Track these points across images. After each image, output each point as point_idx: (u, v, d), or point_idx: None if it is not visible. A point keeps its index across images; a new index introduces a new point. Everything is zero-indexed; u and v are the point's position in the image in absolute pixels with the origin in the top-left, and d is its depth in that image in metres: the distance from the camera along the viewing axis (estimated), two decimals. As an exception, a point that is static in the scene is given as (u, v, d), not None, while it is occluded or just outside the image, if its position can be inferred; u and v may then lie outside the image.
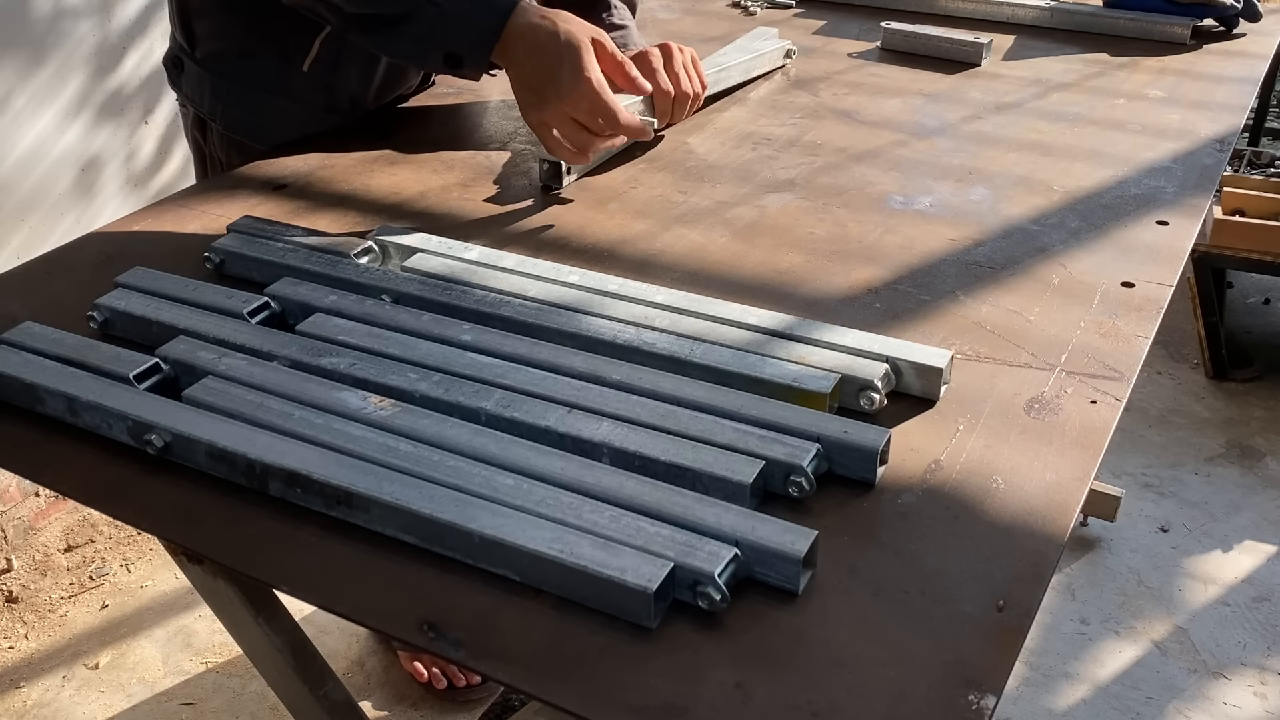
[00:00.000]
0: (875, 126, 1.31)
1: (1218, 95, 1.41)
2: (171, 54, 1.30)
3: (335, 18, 1.09)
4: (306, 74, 1.24)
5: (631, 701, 0.59)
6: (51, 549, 2.01)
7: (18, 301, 0.96)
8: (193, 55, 1.26)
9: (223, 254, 0.98)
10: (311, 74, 1.24)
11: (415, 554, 0.68)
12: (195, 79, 1.26)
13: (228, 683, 1.78)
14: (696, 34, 1.63)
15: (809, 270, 1.00)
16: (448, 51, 1.07)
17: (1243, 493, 2.18)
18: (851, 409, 0.80)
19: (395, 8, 1.05)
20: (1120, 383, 0.83)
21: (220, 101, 1.25)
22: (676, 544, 0.64)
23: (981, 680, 0.59)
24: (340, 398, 0.78)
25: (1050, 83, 1.46)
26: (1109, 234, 1.06)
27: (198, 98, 1.27)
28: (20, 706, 1.74)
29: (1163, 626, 1.87)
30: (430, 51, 1.07)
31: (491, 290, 0.91)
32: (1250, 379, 2.52)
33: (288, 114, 1.26)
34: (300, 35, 1.22)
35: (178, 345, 0.84)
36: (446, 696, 1.73)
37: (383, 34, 1.08)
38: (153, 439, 0.75)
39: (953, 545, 0.69)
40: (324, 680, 0.96)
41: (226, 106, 1.25)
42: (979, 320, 0.92)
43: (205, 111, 1.27)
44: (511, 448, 0.73)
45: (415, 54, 1.10)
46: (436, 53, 1.07)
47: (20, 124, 1.79)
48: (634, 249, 1.04)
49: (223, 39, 1.24)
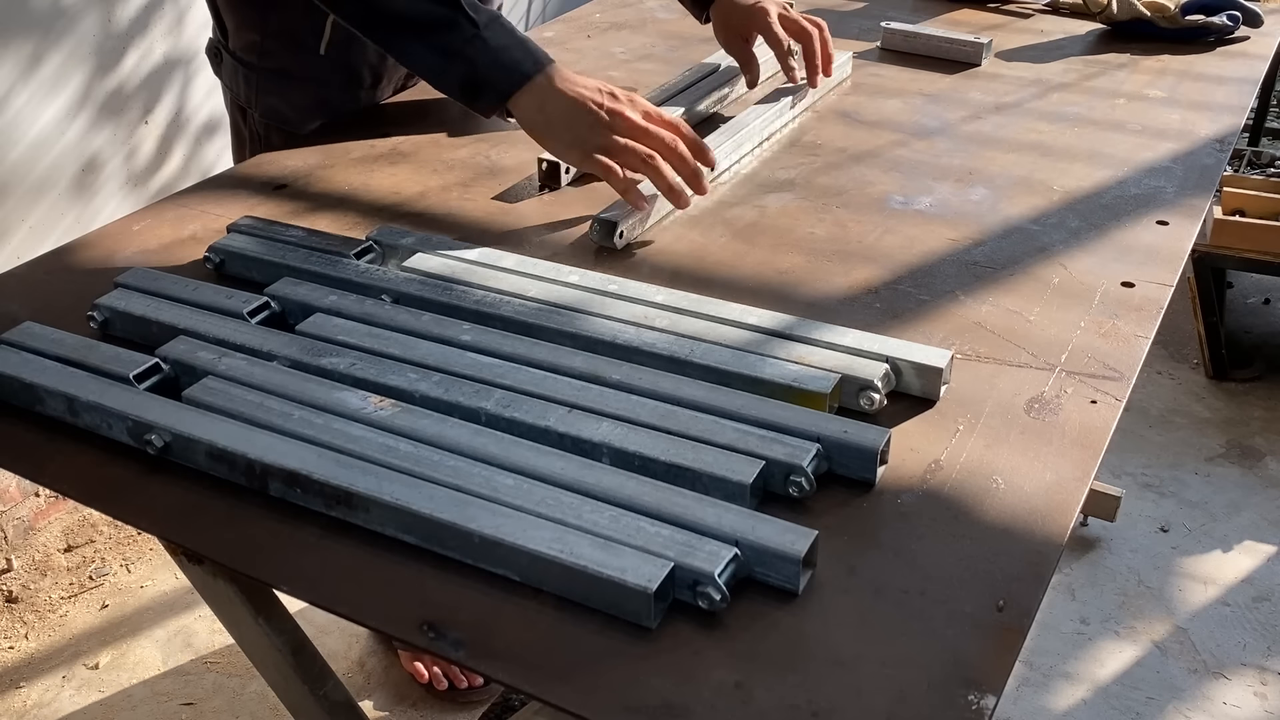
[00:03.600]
0: (875, 126, 1.31)
1: (1218, 95, 1.41)
2: (211, 44, 1.36)
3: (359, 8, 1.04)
4: (325, 56, 1.28)
5: (631, 701, 0.59)
6: (51, 549, 2.00)
7: (18, 301, 0.96)
8: (227, 47, 1.33)
9: (223, 254, 0.98)
10: (329, 56, 1.29)
11: (415, 554, 0.68)
12: (230, 69, 1.33)
13: (228, 683, 1.78)
14: (697, 34, 1.63)
15: (809, 270, 1.00)
16: (468, 76, 1.02)
17: (1243, 493, 2.18)
18: (851, 409, 0.80)
19: (432, 13, 1.00)
20: (1120, 383, 0.83)
21: (254, 91, 1.31)
22: (676, 544, 0.64)
23: (981, 680, 0.59)
24: (340, 398, 0.78)
25: (1050, 83, 1.46)
26: (1109, 234, 1.06)
27: (234, 87, 1.34)
28: (20, 706, 1.74)
29: (1163, 626, 1.87)
30: (450, 71, 1.02)
31: (491, 290, 0.91)
32: (1250, 379, 2.52)
33: (316, 98, 1.31)
34: (314, 20, 1.26)
35: (178, 345, 0.84)
36: (447, 697, 1.73)
37: (404, 41, 1.03)
38: (153, 439, 0.75)
39: (953, 545, 0.69)
40: (324, 680, 0.96)
41: (260, 95, 1.31)
42: (979, 320, 0.92)
43: (242, 100, 1.33)
44: (511, 448, 0.73)
45: (434, 68, 1.04)
46: (455, 74, 1.02)
47: (20, 123, 1.79)
48: (634, 248, 1.04)
49: (247, 31, 1.29)
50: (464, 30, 1.00)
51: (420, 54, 1.03)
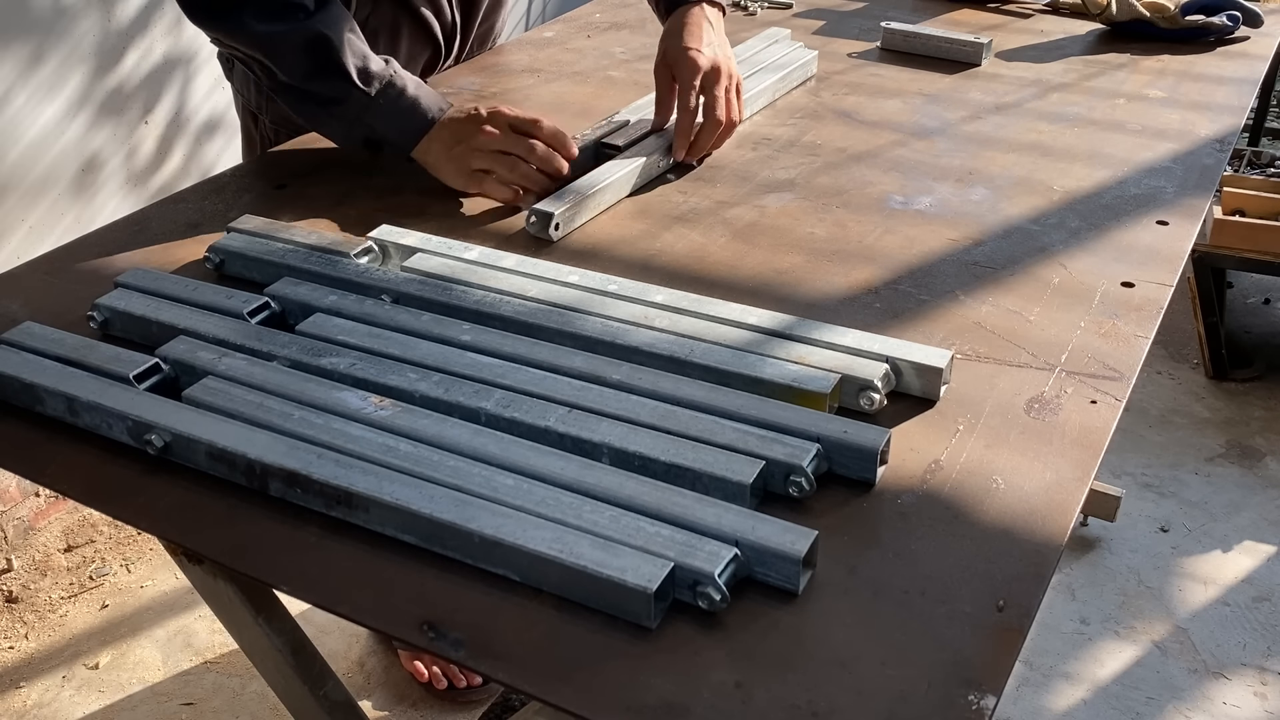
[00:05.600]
0: (875, 127, 1.31)
1: (1217, 95, 1.41)
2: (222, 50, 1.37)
3: (269, 81, 1.15)
4: None
5: (631, 701, 0.59)
6: (51, 549, 2.00)
7: (18, 301, 0.96)
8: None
9: (223, 254, 0.98)
10: None
11: (415, 554, 0.68)
12: (242, 75, 1.35)
13: (228, 683, 1.78)
14: (696, 34, 1.63)
15: (809, 270, 1.00)
16: (369, 138, 1.14)
17: (1243, 493, 2.18)
18: (851, 409, 0.80)
19: (328, 91, 1.11)
20: (1120, 383, 0.83)
21: (264, 97, 1.33)
22: (676, 544, 0.64)
23: (981, 680, 0.59)
24: (340, 398, 0.78)
25: (1050, 83, 1.46)
26: (1109, 234, 1.06)
27: (245, 93, 1.36)
28: (20, 707, 1.74)
29: (1163, 626, 1.87)
30: (352, 134, 1.14)
31: (491, 290, 0.91)
32: (1250, 379, 2.51)
33: None
34: None
35: (178, 345, 0.84)
36: (447, 697, 1.73)
37: (310, 110, 1.14)
38: (153, 439, 0.75)
39: (953, 545, 0.69)
40: (324, 680, 0.96)
41: (270, 102, 1.33)
42: (979, 320, 0.92)
43: (253, 106, 1.35)
44: (511, 448, 0.73)
45: (339, 133, 1.16)
46: (357, 137, 1.14)
47: (20, 123, 1.79)
48: (634, 249, 1.04)
49: None
50: (357, 99, 1.11)
51: (326, 122, 1.15)
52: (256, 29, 1.09)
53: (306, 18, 1.09)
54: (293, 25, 1.09)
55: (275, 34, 1.09)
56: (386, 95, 1.11)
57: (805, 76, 1.45)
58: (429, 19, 1.32)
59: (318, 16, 1.10)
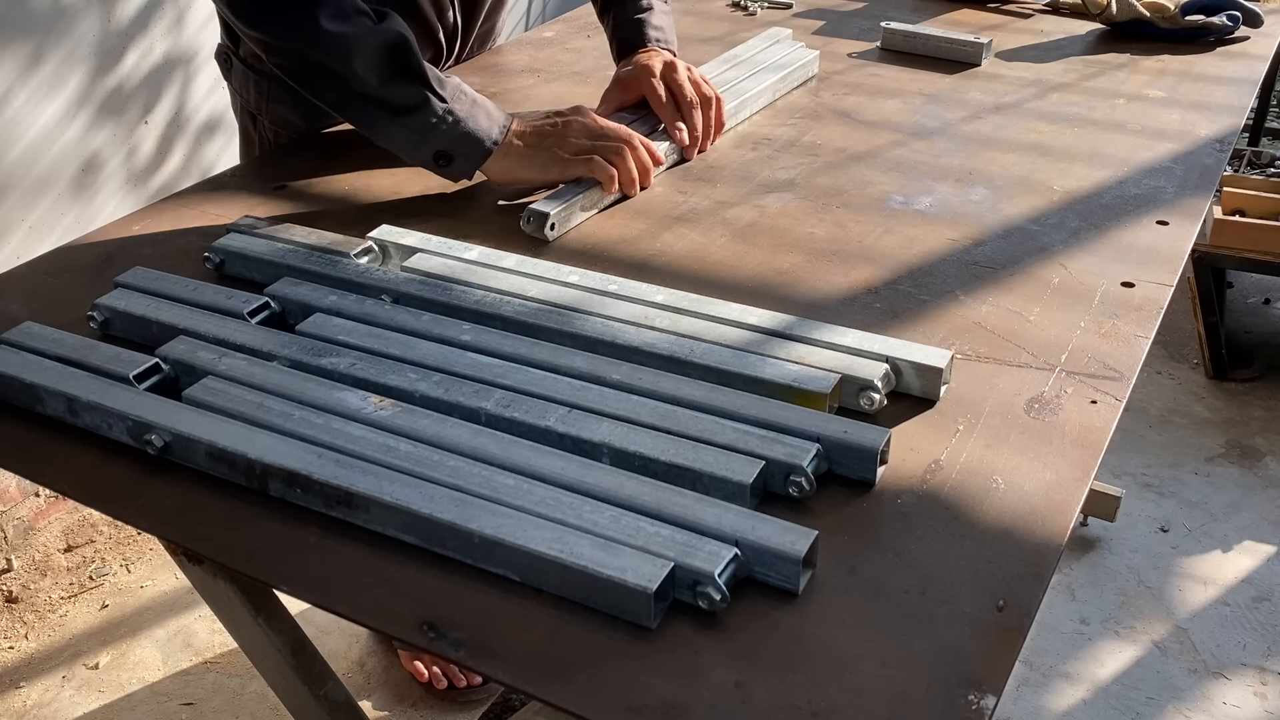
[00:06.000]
0: (875, 127, 1.31)
1: (1217, 96, 1.41)
2: (221, 50, 1.36)
3: (333, 92, 1.07)
4: None
5: (631, 701, 0.59)
6: (51, 549, 2.00)
7: (18, 301, 0.96)
8: (237, 54, 1.32)
9: (223, 254, 0.98)
10: None
11: (415, 554, 0.68)
12: (241, 76, 1.33)
13: (228, 683, 1.78)
14: (695, 34, 1.63)
15: (809, 270, 1.00)
16: (440, 151, 1.08)
17: (1243, 493, 2.18)
18: (851, 409, 0.80)
19: (403, 98, 1.05)
20: (1120, 383, 0.83)
21: (264, 98, 1.32)
22: (676, 544, 0.64)
23: (981, 680, 0.59)
24: (340, 398, 0.78)
25: (1050, 83, 1.46)
26: (1109, 234, 1.06)
27: (244, 93, 1.34)
28: (20, 707, 1.74)
29: (1163, 626, 1.87)
30: (423, 147, 1.08)
31: (491, 290, 0.91)
32: (1250, 379, 2.52)
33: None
34: None
35: (178, 345, 0.84)
36: (447, 697, 1.73)
37: (376, 119, 1.07)
38: (153, 439, 0.75)
39: (953, 545, 0.69)
40: (324, 680, 0.96)
41: (270, 102, 1.31)
42: (979, 320, 0.92)
43: (252, 107, 1.34)
44: (511, 448, 0.73)
45: (409, 144, 1.08)
46: (428, 149, 1.08)
47: (19, 122, 1.79)
48: (634, 249, 1.04)
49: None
50: (434, 108, 1.06)
51: (395, 133, 1.08)
52: (332, 30, 1.03)
53: (376, 24, 1.05)
54: (369, 28, 1.04)
55: (351, 35, 1.03)
56: (459, 101, 1.08)
57: (807, 76, 1.45)
58: (431, 19, 1.32)
59: (387, 23, 1.06)
